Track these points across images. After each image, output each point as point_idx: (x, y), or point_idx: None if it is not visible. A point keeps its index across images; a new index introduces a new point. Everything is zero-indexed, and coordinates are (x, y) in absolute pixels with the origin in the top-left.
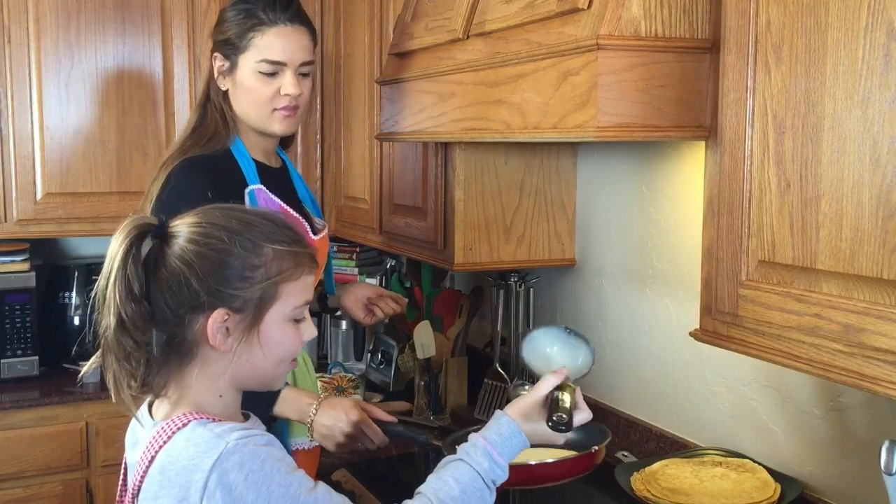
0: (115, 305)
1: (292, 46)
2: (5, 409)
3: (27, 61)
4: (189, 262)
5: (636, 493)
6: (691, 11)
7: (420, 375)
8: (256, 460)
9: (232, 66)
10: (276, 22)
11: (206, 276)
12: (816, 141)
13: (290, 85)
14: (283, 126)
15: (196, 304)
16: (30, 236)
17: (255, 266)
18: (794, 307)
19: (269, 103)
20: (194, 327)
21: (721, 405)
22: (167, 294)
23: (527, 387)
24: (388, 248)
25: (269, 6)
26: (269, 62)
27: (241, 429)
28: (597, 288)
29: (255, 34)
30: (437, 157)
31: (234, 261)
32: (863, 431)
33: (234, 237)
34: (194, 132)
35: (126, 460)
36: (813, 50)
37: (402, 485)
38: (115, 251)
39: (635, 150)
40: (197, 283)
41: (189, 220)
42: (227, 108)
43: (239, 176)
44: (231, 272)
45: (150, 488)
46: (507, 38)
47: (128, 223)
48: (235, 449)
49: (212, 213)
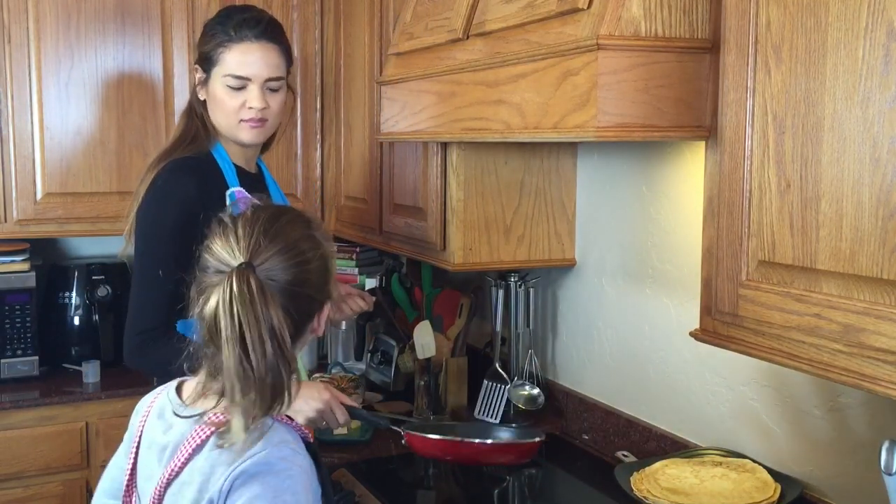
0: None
1: (257, 63)
2: (5, 409)
3: (27, 61)
4: (304, 281)
5: (636, 493)
6: (691, 11)
7: (420, 375)
8: (294, 468)
9: (206, 78)
10: (242, 39)
11: (320, 284)
12: (816, 141)
13: (254, 99)
14: (250, 136)
15: (314, 311)
16: (30, 236)
17: (327, 256)
18: (794, 307)
19: (235, 115)
20: (308, 326)
21: (721, 405)
22: (292, 314)
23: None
24: (388, 248)
25: (239, 24)
26: (234, 77)
27: (290, 436)
28: (597, 288)
29: (224, 49)
30: (437, 157)
31: (325, 262)
32: (863, 431)
33: (312, 246)
34: (178, 138)
35: (141, 441)
36: (813, 50)
37: (402, 485)
38: (239, 306)
39: (635, 150)
40: (315, 293)
41: (272, 250)
42: (207, 116)
43: (220, 178)
44: (328, 273)
45: (193, 473)
46: (507, 38)
47: (236, 277)
48: (279, 453)
49: (279, 236)
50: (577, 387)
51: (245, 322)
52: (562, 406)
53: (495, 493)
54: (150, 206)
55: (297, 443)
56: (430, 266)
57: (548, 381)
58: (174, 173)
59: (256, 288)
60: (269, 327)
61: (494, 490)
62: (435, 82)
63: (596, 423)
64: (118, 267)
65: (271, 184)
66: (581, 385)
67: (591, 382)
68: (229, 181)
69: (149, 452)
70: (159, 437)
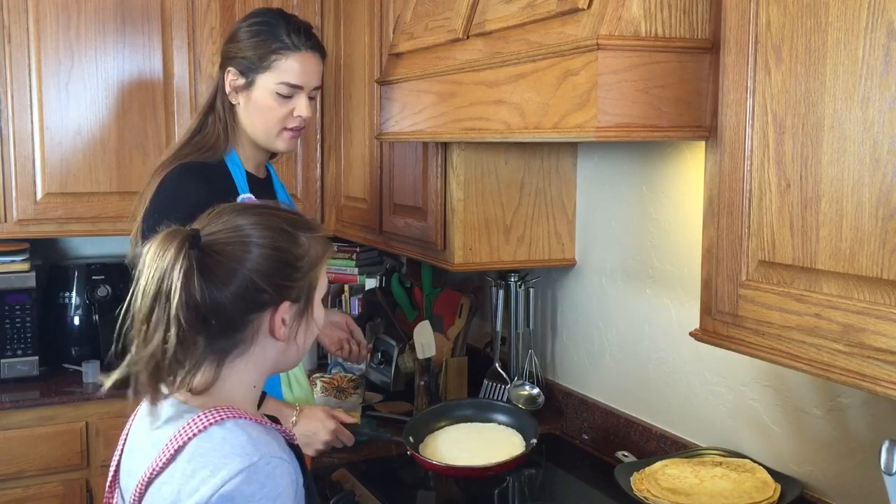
0: (172, 318)
1: (310, 71)
2: (5, 409)
3: (27, 61)
4: (244, 259)
5: (636, 493)
6: (691, 11)
7: (420, 375)
8: (275, 491)
9: (248, 83)
10: (299, 48)
11: (271, 275)
12: (816, 141)
13: (303, 108)
14: (288, 145)
15: (262, 303)
16: (30, 236)
17: (301, 256)
18: (794, 307)
19: (280, 123)
20: (255, 325)
21: (721, 405)
22: (232, 299)
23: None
24: (388, 248)
25: (294, 31)
26: (288, 85)
27: (277, 445)
28: (597, 288)
29: (279, 57)
30: (437, 157)
31: (288, 255)
32: (863, 431)
33: (276, 234)
34: (193, 138)
35: (128, 438)
36: (813, 50)
37: (402, 485)
38: (167, 266)
39: (635, 150)
40: (265, 283)
41: (222, 224)
42: (231, 121)
43: (230, 184)
44: (289, 267)
45: (174, 475)
46: (507, 38)
47: (169, 236)
48: (266, 469)
49: (237, 215)
50: (576, 387)
51: (145, 270)
52: (562, 406)
53: (495, 493)
54: (157, 209)
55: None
56: (430, 266)
57: (548, 381)
58: (183, 176)
59: (177, 245)
60: (162, 281)
61: (494, 490)
62: (435, 82)
63: (596, 423)
64: (118, 267)
65: (279, 187)
66: (581, 385)
67: (591, 382)
68: (239, 187)
69: (133, 450)
70: (144, 434)
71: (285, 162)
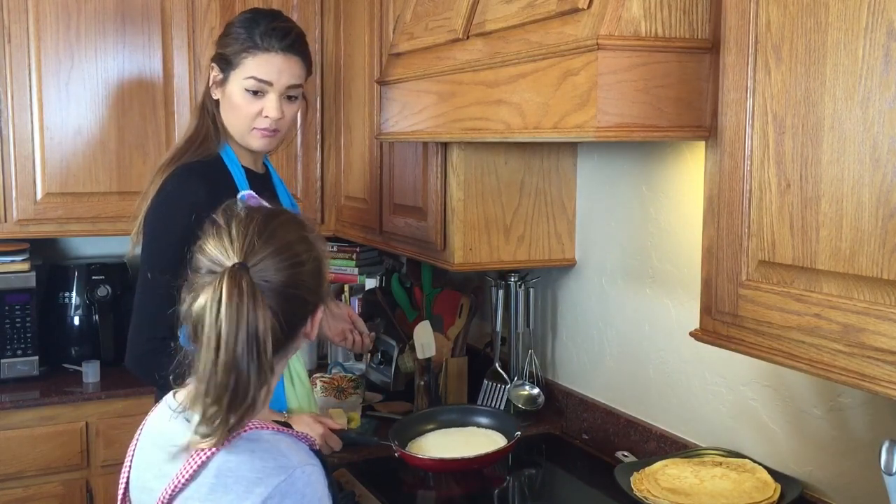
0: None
1: (280, 70)
2: (5, 409)
3: (27, 61)
4: (298, 283)
5: (636, 493)
6: (691, 11)
7: (420, 375)
8: (315, 496)
9: (224, 79)
10: (267, 49)
11: (317, 286)
12: (816, 141)
13: (272, 108)
14: (260, 144)
15: (309, 313)
16: (30, 236)
17: (323, 258)
18: (794, 307)
19: (249, 121)
20: (300, 332)
21: (721, 405)
22: (286, 317)
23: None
24: (388, 248)
25: (267, 33)
26: (255, 80)
27: (305, 452)
28: (597, 288)
29: (247, 55)
30: (436, 157)
31: (319, 263)
32: (863, 431)
33: (308, 245)
34: (189, 138)
35: (135, 455)
36: (813, 50)
37: (402, 485)
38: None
39: (635, 150)
40: (313, 298)
41: (266, 251)
42: (218, 116)
43: (230, 182)
44: (322, 274)
45: (200, 490)
46: (507, 38)
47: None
48: (303, 478)
49: (268, 240)
50: (576, 387)
51: (227, 323)
52: (562, 406)
53: (495, 493)
54: (158, 210)
55: (310, 458)
56: (430, 266)
57: (547, 381)
58: (183, 178)
59: (248, 289)
60: (252, 331)
61: (494, 490)
62: (435, 82)
63: (596, 423)
64: (118, 267)
65: (279, 184)
66: (581, 385)
67: (590, 382)
68: (238, 184)
69: (146, 466)
70: (158, 450)
71: (285, 162)
